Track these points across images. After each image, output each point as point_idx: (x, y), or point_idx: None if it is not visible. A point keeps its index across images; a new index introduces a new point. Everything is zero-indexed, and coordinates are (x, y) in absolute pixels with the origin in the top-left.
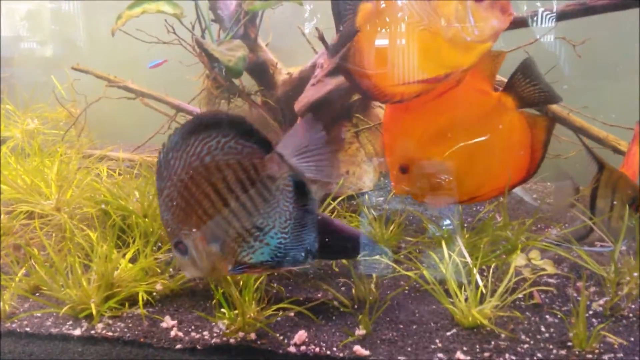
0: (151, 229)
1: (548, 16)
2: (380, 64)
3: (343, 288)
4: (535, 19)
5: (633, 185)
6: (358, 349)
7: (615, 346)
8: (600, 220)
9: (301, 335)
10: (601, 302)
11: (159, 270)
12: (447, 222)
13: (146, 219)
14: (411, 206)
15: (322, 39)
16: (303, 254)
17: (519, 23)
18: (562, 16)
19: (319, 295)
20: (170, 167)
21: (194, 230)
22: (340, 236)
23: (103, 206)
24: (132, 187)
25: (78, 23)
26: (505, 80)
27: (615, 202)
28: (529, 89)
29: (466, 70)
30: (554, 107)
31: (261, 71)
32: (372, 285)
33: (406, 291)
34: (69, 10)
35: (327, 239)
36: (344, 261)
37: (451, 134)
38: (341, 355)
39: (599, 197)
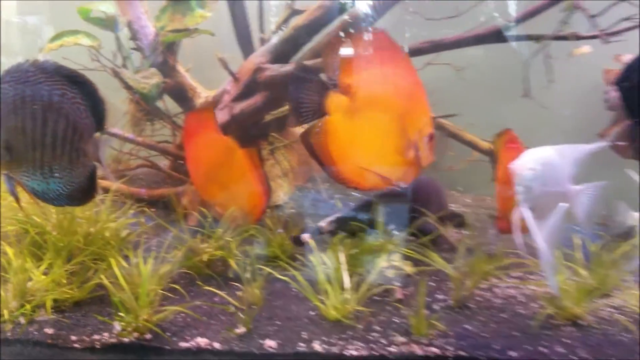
0: (62, 244)
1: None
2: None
3: (238, 293)
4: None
5: None
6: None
7: (451, 333)
8: None
9: (190, 333)
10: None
11: (64, 281)
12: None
13: (55, 234)
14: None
15: (226, 68)
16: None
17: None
18: (415, 52)
19: (216, 299)
20: (20, 73)
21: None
22: None
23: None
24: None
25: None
26: None
27: None
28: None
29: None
30: (448, 124)
31: (181, 95)
32: (257, 290)
33: (293, 293)
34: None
35: None
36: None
37: (210, 168)
38: (219, 348)
39: None
